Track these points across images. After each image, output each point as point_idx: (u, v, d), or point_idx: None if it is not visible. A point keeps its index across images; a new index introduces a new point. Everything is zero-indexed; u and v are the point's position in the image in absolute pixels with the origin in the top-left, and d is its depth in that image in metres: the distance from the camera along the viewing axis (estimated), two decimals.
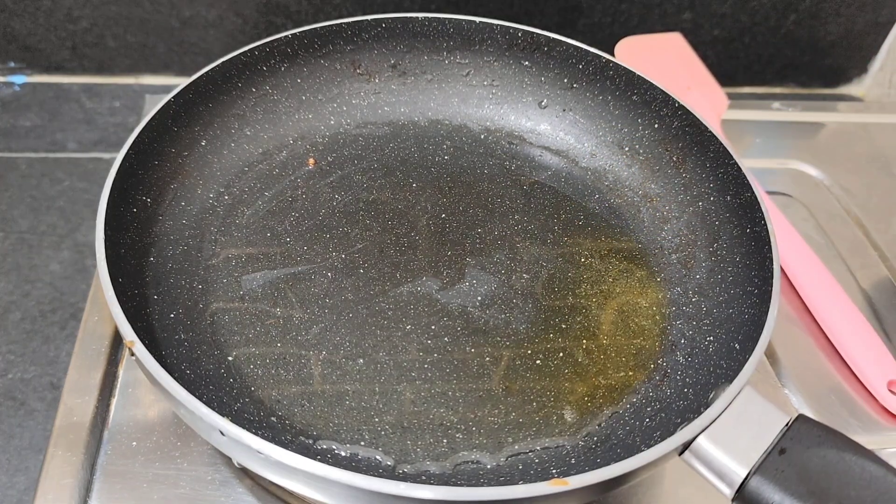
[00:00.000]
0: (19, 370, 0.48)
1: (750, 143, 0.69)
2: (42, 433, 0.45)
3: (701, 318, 0.45)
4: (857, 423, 0.49)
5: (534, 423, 0.40)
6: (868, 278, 0.58)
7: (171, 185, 0.47)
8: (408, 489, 0.30)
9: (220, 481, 0.41)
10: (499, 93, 0.58)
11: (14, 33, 0.65)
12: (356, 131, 0.56)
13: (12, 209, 0.58)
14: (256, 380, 0.41)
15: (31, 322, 0.51)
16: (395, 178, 0.53)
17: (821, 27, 0.72)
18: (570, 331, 0.45)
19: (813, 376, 0.51)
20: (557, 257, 0.49)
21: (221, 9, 0.65)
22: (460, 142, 0.57)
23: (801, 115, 0.72)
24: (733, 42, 0.72)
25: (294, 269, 0.47)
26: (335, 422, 0.39)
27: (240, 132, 0.52)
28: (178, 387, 0.33)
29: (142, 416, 0.44)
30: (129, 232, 0.43)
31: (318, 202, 0.51)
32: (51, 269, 0.54)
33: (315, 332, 0.43)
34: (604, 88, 0.55)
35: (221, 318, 0.43)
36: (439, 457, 0.38)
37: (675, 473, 0.45)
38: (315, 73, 0.56)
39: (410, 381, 0.42)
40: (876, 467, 0.32)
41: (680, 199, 0.51)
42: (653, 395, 0.42)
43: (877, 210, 0.64)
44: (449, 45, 0.57)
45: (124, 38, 0.67)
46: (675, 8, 0.69)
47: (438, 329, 0.44)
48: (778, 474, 0.32)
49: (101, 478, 0.41)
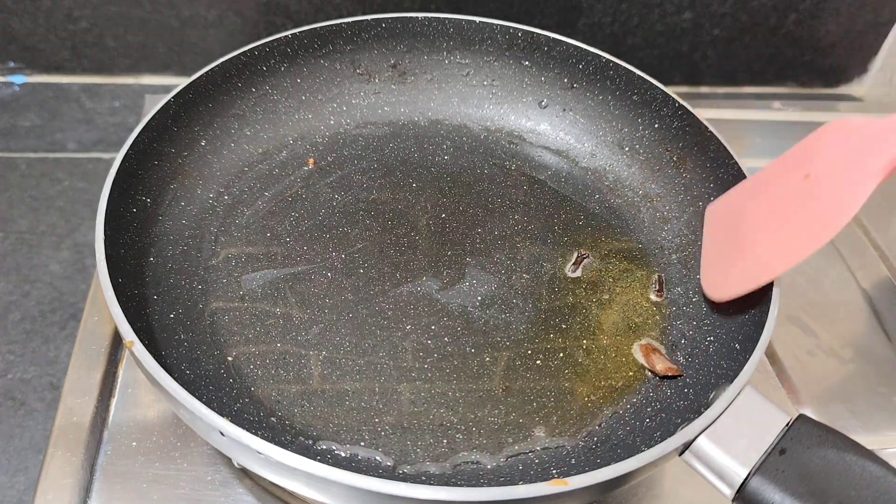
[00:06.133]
0: (19, 370, 0.48)
1: (750, 143, 0.69)
2: (42, 433, 0.45)
3: (701, 318, 0.45)
4: (857, 423, 0.49)
5: (534, 423, 0.40)
6: (868, 278, 0.58)
7: (171, 185, 0.47)
8: (408, 490, 0.30)
9: (220, 482, 0.41)
10: (499, 93, 0.58)
11: (14, 33, 0.65)
12: (356, 131, 0.56)
13: (12, 209, 0.58)
14: (256, 380, 0.41)
15: (31, 322, 0.51)
16: (395, 178, 0.53)
17: (821, 27, 0.72)
18: (570, 331, 0.45)
19: (813, 376, 0.51)
20: (557, 257, 0.49)
21: (221, 9, 0.65)
22: (460, 142, 0.57)
23: (801, 115, 0.72)
24: (733, 42, 0.72)
25: (294, 269, 0.46)
26: (335, 422, 0.39)
27: (239, 132, 0.52)
28: (178, 387, 0.33)
29: (141, 417, 0.44)
30: (128, 232, 0.43)
31: (318, 202, 0.51)
32: (50, 270, 0.54)
33: (315, 332, 0.43)
34: (604, 88, 0.55)
35: (221, 318, 0.43)
36: (439, 457, 0.38)
37: (676, 473, 0.45)
38: (315, 73, 0.56)
39: (410, 381, 0.42)
40: (876, 467, 0.32)
41: (680, 199, 0.51)
42: (653, 395, 0.42)
43: (877, 210, 0.64)
44: (449, 45, 0.57)
45: (124, 38, 0.66)
46: (675, 7, 0.69)
47: (438, 329, 0.44)
48: (778, 474, 0.32)
49: (101, 478, 0.41)
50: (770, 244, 0.39)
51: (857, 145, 0.36)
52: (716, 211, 0.46)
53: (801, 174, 0.38)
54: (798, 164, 0.39)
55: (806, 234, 0.36)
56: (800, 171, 0.38)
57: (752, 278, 0.39)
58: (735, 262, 0.41)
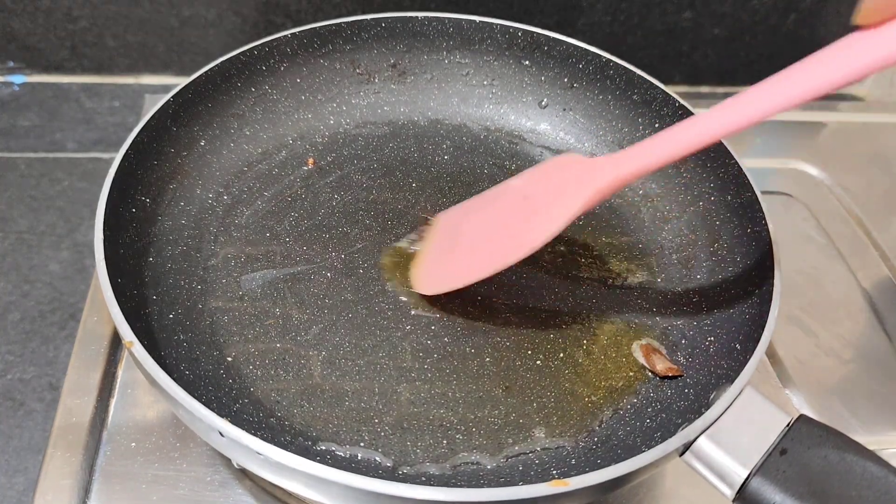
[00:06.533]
0: (18, 371, 0.48)
1: (750, 143, 0.69)
2: (41, 434, 0.45)
3: (701, 318, 0.45)
4: (857, 423, 0.49)
5: (534, 423, 0.40)
6: (868, 278, 0.58)
7: (171, 184, 0.47)
8: (407, 490, 0.30)
9: (220, 482, 0.41)
10: (499, 92, 0.58)
11: (13, 33, 0.65)
12: (356, 131, 0.56)
13: (12, 209, 0.58)
14: (256, 380, 0.41)
15: (31, 322, 0.51)
16: (395, 178, 0.53)
17: (821, 26, 0.72)
18: (570, 331, 0.45)
19: (813, 376, 0.51)
20: (557, 257, 0.49)
21: (221, 8, 0.65)
22: (460, 142, 0.57)
23: (801, 114, 0.72)
24: (734, 41, 0.72)
25: (294, 269, 0.46)
26: (335, 422, 0.39)
27: (239, 132, 0.52)
28: (177, 387, 0.33)
29: (141, 417, 0.44)
30: (128, 232, 0.43)
31: (318, 202, 0.51)
32: (50, 270, 0.54)
33: (315, 332, 0.43)
34: (604, 88, 0.55)
35: (221, 318, 0.43)
36: (439, 458, 0.38)
37: (676, 474, 0.44)
38: (314, 72, 0.56)
39: (410, 381, 0.41)
40: (877, 467, 0.32)
41: (680, 199, 0.51)
42: (653, 395, 0.42)
43: (877, 210, 0.64)
44: (449, 45, 0.57)
45: (124, 38, 0.66)
46: (675, 7, 0.69)
47: (438, 329, 0.44)
48: (779, 475, 0.32)
49: (100, 479, 0.41)
50: (484, 250, 0.43)
51: (572, 176, 0.40)
52: (444, 219, 0.48)
53: (521, 195, 0.43)
54: (521, 188, 0.43)
55: (516, 242, 0.41)
56: (521, 193, 0.43)
57: (462, 277, 0.43)
58: (450, 263, 0.45)
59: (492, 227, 0.43)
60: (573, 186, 0.39)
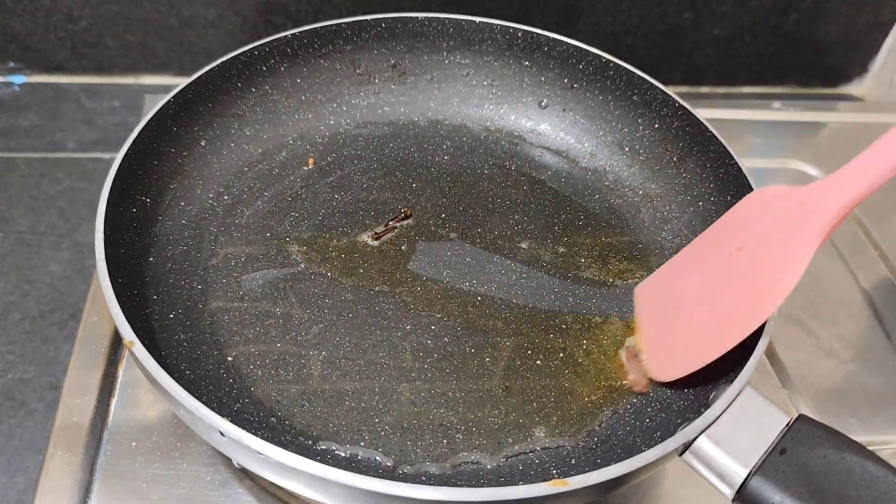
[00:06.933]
0: (19, 370, 0.48)
1: (750, 143, 0.69)
2: (41, 433, 0.45)
3: None
4: (857, 423, 0.49)
5: (534, 423, 0.40)
6: (868, 278, 0.58)
7: (171, 185, 0.47)
8: (408, 490, 0.30)
9: (220, 482, 0.41)
10: (499, 93, 0.58)
11: (14, 33, 0.65)
12: (356, 131, 0.56)
13: (12, 209, 0.58)
14: (256, 380, 0.41)
15: (31, 322, 0.51)
16: (395, 178, 0.53)
17: (821, 27, 0.72)
18: (569, 331, 0.45)
19: (813, 376, 0.51)
20: (557, 257, 0.49)
21: (221, 8, 0.65)
22: (460, 142, 0.57)
23: (801, 114, 0.72)
24: (734, 41, 0.72)
25: (294, 269, 0.46)
26: (335, 422, 0.39)
27: (239, 132, 0.52)
28: (178, 387, 0.33)
29: (141, 417, 0.44)
30: (128, 232, 0.43)
31: (318, 202, 0.51)
32: (50, 270, 0.54)
33: (315, 332, 0.43)
34: (604, 88, 0.55)
35: (221, 318, 0.43)
36: (439, 457, 0.38)
37: (676, 473, 0.44)
38: (315, 72, 0.56)
39: (410, 381, 0.42)
40: (876, 467, 0.32)
41: (680, 199, 0.51)
42: (653, 395, 0.42)
43: (877, 210, 0.64)
44: (449, 45, 0.57)
45: (124, 38, 0.66)
46: (675, 7, 0.69)
47: (438, 329, 0.44)
48: (778, 474, 0.32)
49: (101, 478, 0.41)
50: (709, 323, 0.37)
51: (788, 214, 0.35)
52: (645, 291, 0.44)
53: (732, 248, 0.37)
54: (727, 238, 0.38)
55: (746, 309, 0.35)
56: (730, 245, 0.37)
57: (696, 359, 0.37)
58: (676, 344, 0.39)
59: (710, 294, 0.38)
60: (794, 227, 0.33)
